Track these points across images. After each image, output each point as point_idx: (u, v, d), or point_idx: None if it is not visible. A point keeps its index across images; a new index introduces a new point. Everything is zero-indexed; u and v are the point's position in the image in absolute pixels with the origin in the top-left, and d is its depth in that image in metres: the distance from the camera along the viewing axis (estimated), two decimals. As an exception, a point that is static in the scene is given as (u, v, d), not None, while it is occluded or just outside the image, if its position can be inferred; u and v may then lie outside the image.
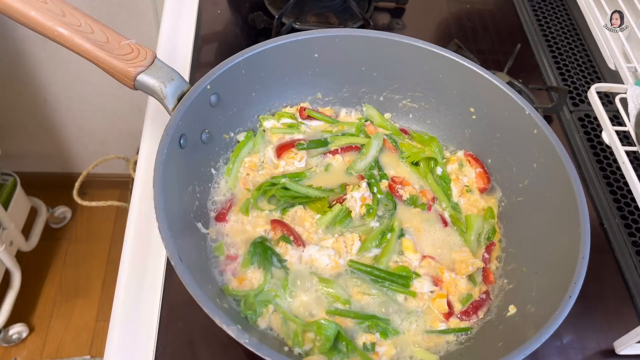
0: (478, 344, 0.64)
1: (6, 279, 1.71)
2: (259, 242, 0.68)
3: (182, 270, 0.53)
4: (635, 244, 0.84)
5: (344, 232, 0.71)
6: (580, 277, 0.57)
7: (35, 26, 0.60)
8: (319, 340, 0.60)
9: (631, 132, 0.75)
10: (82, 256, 2.00)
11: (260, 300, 0.63)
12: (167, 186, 0.59)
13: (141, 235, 0.75)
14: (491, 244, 0.73)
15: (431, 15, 1.20)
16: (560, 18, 1.21)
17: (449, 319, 0.66)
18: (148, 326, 0.66)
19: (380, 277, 0.67)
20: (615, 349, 0.73)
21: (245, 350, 0.50)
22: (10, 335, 1.74)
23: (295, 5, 1.06)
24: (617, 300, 0.79)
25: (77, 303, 1.88)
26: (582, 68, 1.10)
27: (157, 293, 0.69)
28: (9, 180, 1.73)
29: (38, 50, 1.63)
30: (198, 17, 1.05)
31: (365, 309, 0.66)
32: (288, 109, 0.83)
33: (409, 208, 0.76)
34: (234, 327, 0.50)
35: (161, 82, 0.63)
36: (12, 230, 1.67)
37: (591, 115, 1.01)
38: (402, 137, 0.83)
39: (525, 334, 0.55)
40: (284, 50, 0.75)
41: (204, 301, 0.51)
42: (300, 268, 0.68)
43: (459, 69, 0.77)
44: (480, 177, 0.80)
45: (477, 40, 1.14)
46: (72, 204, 2.05)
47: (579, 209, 0.63)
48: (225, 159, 0.76)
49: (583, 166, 0.93)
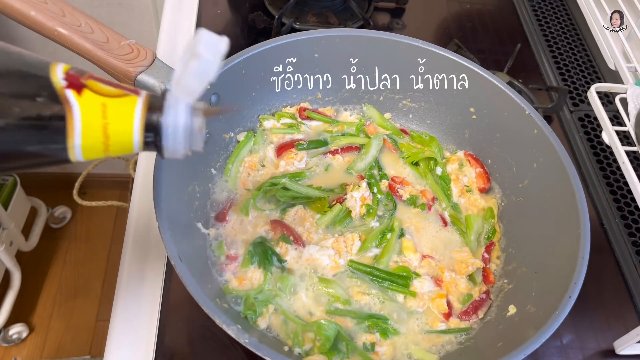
0: (478, 344, 0.64)
1: (6, 278, 1.71)
2: (259, 242, 0.68)
3: (182, 270, 0.53)
4: (635, 244, 0.84)
5: (344, 232, 0.71)
6: (580, 277, 0.58)
7: (35, 26, 0.60)
8: (319, 340, 0.60)
9: (631, 132, 0.75)
10: (82, 256, 2.00)
11: (260, 300, 0.64)
12: (167, 186, 0.59)
13: (141, 235, 0.75)
14: (491, 244, 0.73)
15: (431, 15, 1.20)
16: (560, 18, 1.21)
17: (448, 319, 0.66)
18: (148, 326, 0.66)
19: (380, 277, 0.67)
20: (615, 349, 0.73)
21: (245, 350, 0.50)
22: (10, 335, 1.74)
23: (295, 5, 1.06)
24: (617, 300, 0.79)
25: (77, 303, 1.88)
26: (582, 68, 1.10)
27: (157, 293, 0.69)
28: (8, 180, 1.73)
29: (38, 50, 1.63)
30: (198, 17, 1.05)
31: (365, 309, 0.66)
32: (288, 109, 0.83)
33: (409, 208, 0.76)
34: (234, 327, 0.50)
35: (161, 82, 0.63)
36: (12, 230, 1.67)
37: (591, 115, 1.01)
38: (402, 137, 0.83)
39: (525, 334, 0.55)
40: (284, 50, 0.75)
41: (204, 301, 0.51)
42: (300, 268, 0.68)
43: (459, 69, 0.77)
44: (480, 177, 0.80)
45: (477, 40, 1.14)
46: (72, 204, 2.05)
47: (579, 209, 0.63)
48: (225, 159, 0.76)
49: (583, 166, 0.93)
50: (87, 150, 0.40)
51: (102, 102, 0.39)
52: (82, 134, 0.38)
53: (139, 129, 0.41)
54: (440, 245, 0.73)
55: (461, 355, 0.63)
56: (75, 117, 0.38)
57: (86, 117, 0.38)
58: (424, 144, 0.82)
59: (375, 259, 0.70)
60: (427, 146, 0.81)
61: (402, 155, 0.81)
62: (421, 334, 0.65)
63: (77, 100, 0.38)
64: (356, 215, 0.73)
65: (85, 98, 0.38)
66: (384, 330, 0.64)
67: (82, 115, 0.38)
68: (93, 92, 0.39)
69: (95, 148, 0.40)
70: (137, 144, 0.42)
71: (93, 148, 0.40)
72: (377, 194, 0.75)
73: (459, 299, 0.68)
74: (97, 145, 0.40)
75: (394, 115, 0.86)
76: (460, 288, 0.68)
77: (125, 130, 0.41)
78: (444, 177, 0.79)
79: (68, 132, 0.38)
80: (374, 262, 0.69)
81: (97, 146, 0.40)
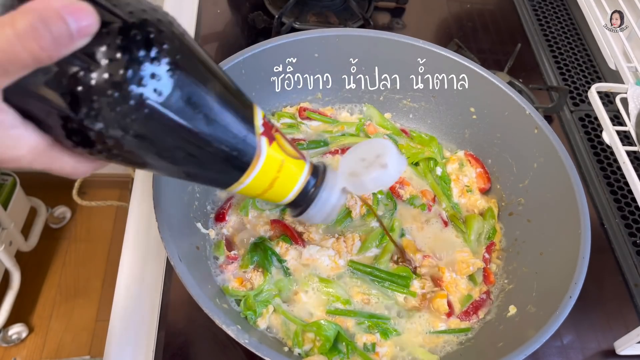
0: (478, 344, 0.64)
1: (6, 279, 1.71)
2: (259, 242, 0.68)
3: (182, 270, 0.53)
4: (636, 244, 0.84)
5: (344, 232, 0.71)
6: (580, 277, 0.57)
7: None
8: (319, 340, 0.60)
9: (632, 132, 0.75)
10: (81, 256, 2.00)
11: (260, 300, 0.63)
12: (166, 186, 0.59)
13: (141, 235, 0.74)
14: (491, 244, 0.73)
15: (431, 15, 1.20)
16: (560, 18, 1.21)
17: (449, 319, 0.66)
18: (148, 326, 0.66)
19: (381, 277, 0.67)
20: (616, 349, 0.73)
21: (245, 350, 0.50)
22: (10, 336, 1.74)
23: (295, 5, 1.06)
24: (617, 300, 0.79)
25: (77, 303, 1.88)
26: (583, 68, 1.10)
27: (157, 293, 0.69)
28: (8, 180, 1.72)
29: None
30: (198, 17, 1.05)
31: (366, 309, 0.66)
32: (288, 109, 0.83)
33: (409, 208, 0.76)
34: (234, 327, 0.50)
35: None
36: (11, 230, 1.67)
37: (591, 115, 1.01)
38: (401, 137, 0.83)
39: (525, 334, 0.55)
40: (284, 50, 0.75)
41: (204, 301, 0.51)
42: (300, 268, 0.67)
43: (460, 69, 0.76)
44: (480, 177, 0.80)
45: (477, 40, 1.14)
46: (71, 204, 2.04)
47: (579, 209, 0.63)
48: (225, 159, 0.76)
49: (583, 166, 0.93)
50: (245, 190, 0.43)
51: (282, 158, 0.43)
52: (254, 178, 0.42)
53: (297, 190, 0.46)
54: (440, 245, 0.73)
55: (461, 356, 0.63)
56: (259, 163, 0.42)
57: (266, 166, 0.42)
58: (424, 144, 0.82)
59: (375, 259, 0.69)
60: (427, 146, 0.81)
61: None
62: (421, 334, 0.65)
63: (267, 150, 0.42)
64: (356, 215, 0.72)
65: (273, 150, 0.42)
66: (384, 330, 0.64)
67: (264, 164, 0.42)
68: (279, 147, 0.43)
69: (252, 191, 0.44)
70: (286, 201, 0.47)
71: (251, 190, 0.44)
72: (377, 194, 0.75)
73: (460, 299, 0.68)
74: (256, 191, 0.44)
75: (394, 115, 0.86)
76: (461, 288, 0.68)
77: (286, 188, 0.45)
78: (444, 177, 0.79)
79: (246, 172, 0.42)
80: (374, 262, 0.69)
81: (255, 191, 0.44)
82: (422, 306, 0.67)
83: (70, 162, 0.39)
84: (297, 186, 0.46)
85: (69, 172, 0.40)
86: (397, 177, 0.49)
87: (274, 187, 0.44)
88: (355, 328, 0.64)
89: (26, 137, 0.36)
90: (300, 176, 0.46)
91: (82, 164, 0.40)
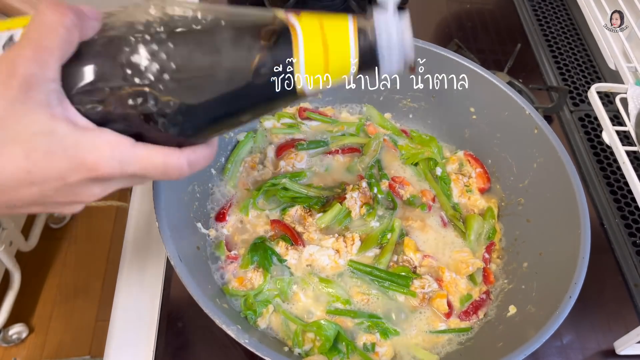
0: (478, 344, 0.64)
1: (6, 279, 1.71)
2: (259, 242, 0.68)
3: (182, 270, 0.53)
4: (636, 244, 0.84)
5: (344, 232, 0.71)
6: (580, 277, 0.57)
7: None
8: (319, 340, 0.60)
9: (631, 132, 0.75)
10: (81, 256, 2.00)
11: (260, 300, 0.64)
12: (166, 186, 0.59)
13: (141, 235, 0.74)
14: (491, 243, 0.73)
15: (431, 15, 1.20)
16: (560, 18, 1.21)
17: (449, 319, 0.66)
18: (148, 326, 0.66)
19: (381, 277, 0.67)
20: (616, 349, 0.73)
21: (245, 350, 0.50)
22: (10, 336, 1.74)
23: (295, 5, 1.06)
24: (617, 300, 0.79)
25: (77, 303, 1.88)
26: (582, 68, 1.10)
27: (157, 293, 0.69)
28: (8, 180, 1.72)
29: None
30: (198, 17, 1.05)
31: (365, 309, 0.66)
32: (288, 109, 0.83)
33: (409, 208, 0.76)
34: (234, 327, 0.50)
35: None
36: (11, 230, 1.67)
37: (591, 115, 1.01)
38: (401, 137, 0.83)
39: (525, 334, 0.55)
40: (284, 50, 0.75)
41: (204, 301, 0.51)
42: (300, 268, 0.67)
43: (460, 69, 0.76)
44: (480, 177, 0.80)
45: (477, 40, 1.14)
46: (71, 204, 2.04)
47: (579, 209, 0.63)
48: (225, 159, 0.76)
49: (583, 166, 0.93)
50: (309, 65, 0.45)
51: (318, 18, 0.45)
52: (304, 46, 0.44)
53: (354, 33, 0.46)
54: (440, 245, 0.73)
55: (461, 356, 0.63)
56: (298, 32, 0.44)
57: (306, 29, 0.44)
58: (423, 144, 0.82)
59: (375, 259, 0.69)
60: (427, 146, 0.81)
61: (402, 156, 0.81)
62: (421, 334, 0.65)
63: (297, 19, 0.44)
64: (356, 215, 0.72)
65: (304, 17, 0.45)
66: (384, 330, 0.64)
67: (303, 29, 0.44)
68: (308, 14, 0.45)
69: (316, 63, 0.45)
70: (353, 53, 0.46)
71: (314, 63, 0.45)
72: (378, 194, 0.75)
73: (459, 299, 0.68)
74: (318, 60, 0.45)
75: (394, 115, 0.86)
76: (461, 288, 0.68)
77: (343, 42, 0.45)
78: (444, 177, 0.79)
79: (294, 48, 0.44)
80: (374, 262, 0.69)
81: (318, 60, 0.45)
82: (422, 306, 0.67)
83: (161, 152, 0.40)
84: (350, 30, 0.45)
85: (161, 166, 0.41)
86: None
87: (329, 44, 0.45)
88: (355, 328, 0.64)
89: (102, 135, 0.38)
90: (348, 22, 0.45)
91: (173, 153, 0.41)
